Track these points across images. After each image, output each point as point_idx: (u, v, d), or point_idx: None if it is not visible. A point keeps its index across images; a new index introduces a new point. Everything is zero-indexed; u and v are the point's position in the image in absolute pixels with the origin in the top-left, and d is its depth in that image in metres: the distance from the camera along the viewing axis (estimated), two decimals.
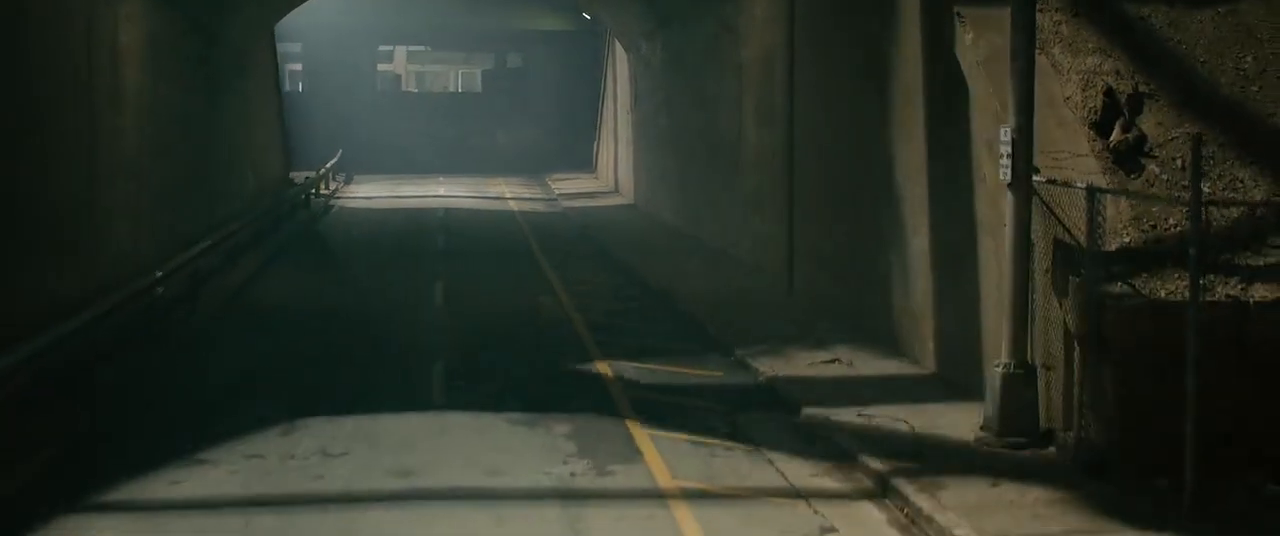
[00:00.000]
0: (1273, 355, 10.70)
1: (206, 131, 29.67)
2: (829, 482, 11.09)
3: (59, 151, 18.63)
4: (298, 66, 60.24)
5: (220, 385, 14.81)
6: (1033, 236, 11.98)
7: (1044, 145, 12.34)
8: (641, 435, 12.43)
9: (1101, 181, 11.91)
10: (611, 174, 44.39)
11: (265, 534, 9.58)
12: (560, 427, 12.68)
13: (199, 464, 11.38)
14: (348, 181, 47.80)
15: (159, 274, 16.93)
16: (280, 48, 44.49)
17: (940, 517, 9.71)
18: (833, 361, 15.54)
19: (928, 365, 15.02)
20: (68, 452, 11.65)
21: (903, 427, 12.33)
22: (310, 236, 29.76)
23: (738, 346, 16.60)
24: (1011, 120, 11.78)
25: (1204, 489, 9.81)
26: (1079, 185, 11.32)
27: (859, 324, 17.27)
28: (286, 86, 57.40)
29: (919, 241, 15.43)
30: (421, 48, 73.91)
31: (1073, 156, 12.56)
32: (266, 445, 11.92)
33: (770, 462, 11.68)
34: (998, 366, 11.87)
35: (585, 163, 51.61)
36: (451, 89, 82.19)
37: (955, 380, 14.02)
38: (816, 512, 10.21)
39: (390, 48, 69.86)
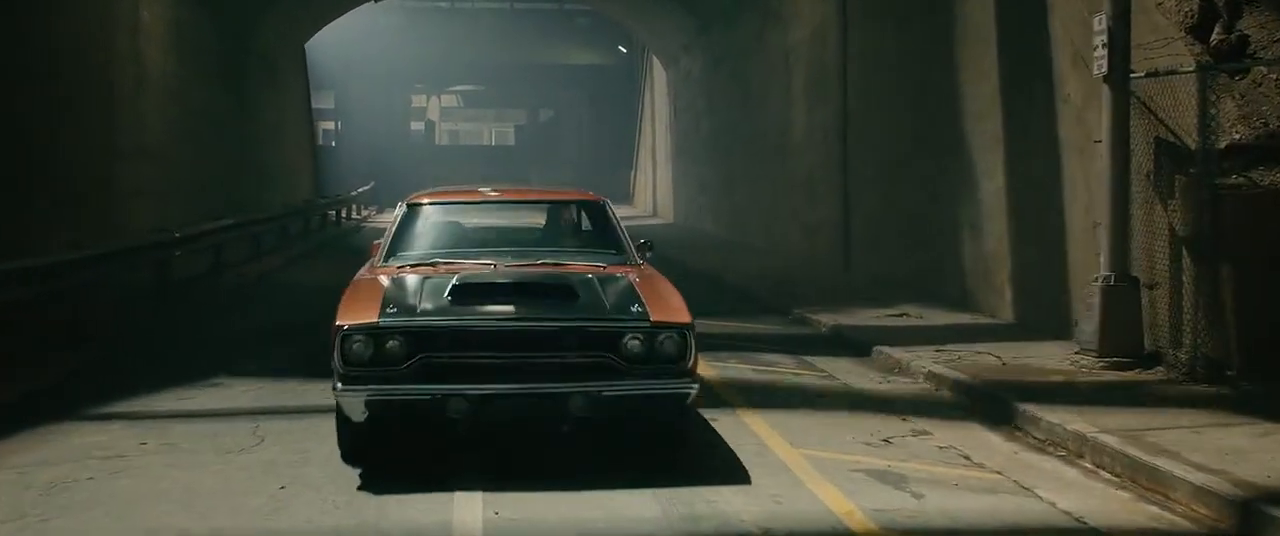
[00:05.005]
0: None
1: (237, 139, 28.88)
2: (913, 399, 9.89)
3: (75, 127, 17.78)
4: (330, 125, 59.74)
5: (242, 330, 13.76)
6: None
7: (1138, 51, 11.22)
8: (702, 365, 11.26)
9: (1194, 81, 10.76)
10: (649, 198, 43.42)
11: (275, 434, 8.44)
12: None
13: (213, 386, 10.29)
14: (381, 211, 46.93)
15: (176, 235, 15.84)
16: (315, 104, 43.69)
17: (1050, 417, 8.50)
18: (900, 315, 14.32)
19: (1004, 315, 13.82)
20: (74, 375, 10.60)
21: (990, 360, 11.11)
22: (339, 243, 28.73)
23: (794, 308, 15.43)
24: (1107, 8, 10.66)
25: None
26: (1187, 68, 10.19)
27: (924, 288, 16.08)
28: (319, 140, 56.97)
29: (992, 185, 14.29)
30: (455, 99, 73.52)
31: (1170, 58, 11.44)
32: (288, 369, 10.82)
33: (846, 385, 10.50)
34: (1096, 281, 10.69)
35: (622, 195, 50.60)
36: (485, 142, 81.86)
37: (1037, 326, 12.80)
38: (905, 421, 9.01)
39: (423, 105, 69.41)
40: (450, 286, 7.40)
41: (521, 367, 7.03)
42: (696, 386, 7.20)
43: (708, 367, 11.18)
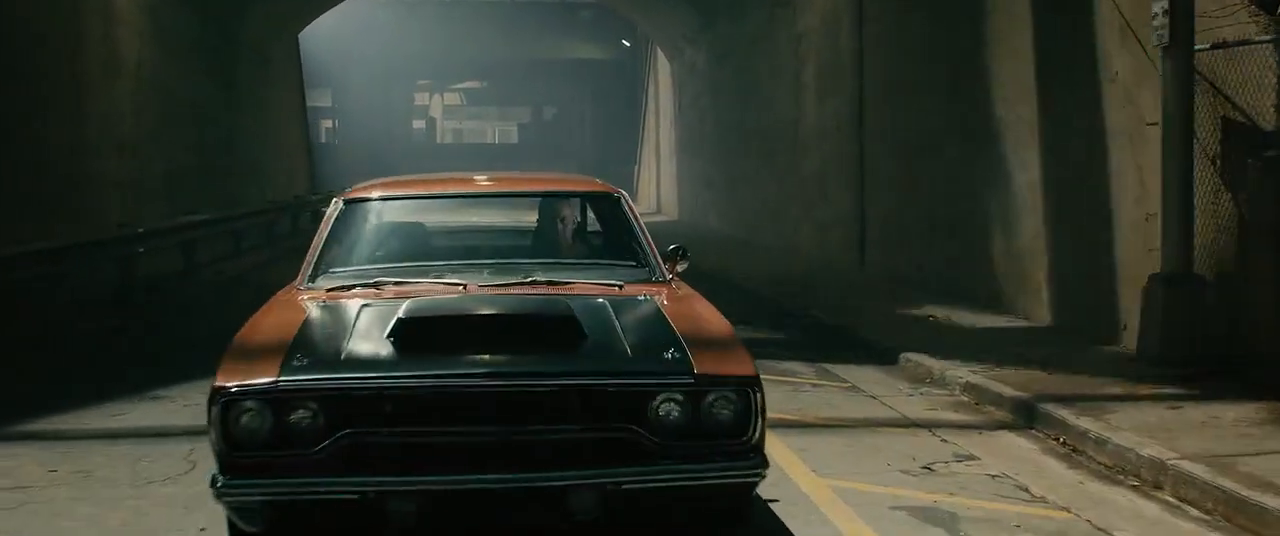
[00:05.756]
0: None
1: (225, 133, 27.65)
2: (952, 415, 8.65)
3: (42, 118, 16.55)
4: (329, 123, 58.59)
5: (201, 335, 12.47)
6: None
7: (1196, 22, 9.97)
8: None
9: (1270, 53, 9.53)
10: (653, 194, 42.20)
11: (209, 459, 7.17)
12: None
13: (153, 400, 9.07)
14: None
15: (140, 230, 14.62)
16: (310, 103, 42.39)
17: (1118, 439, 7.25)
18: (926, 318, 13.09)
19: (1041, 317, 12.56)
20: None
21: (1033, 367, 9.86)
22: None
23: (809, 309, 14.21)
24: None
25: None
26: (1262, 38, 8.94)
27: (949, 288, 14.82)
28: (321, 138, 55.69)
29: (1026, 176, 13.03)
30: (458, 97, 72.40)
31: (1233, 29, 10.21)
32: None
33: (873, 397, 9.27)
34: (1156, 279, 9.44)
35: (626, 191, 49.41)
36: (489, 140, 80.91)
37: (1080, 329, 11.55)
38: (944, 442, 7.77)
39: (426, 103, 68.20)
40: (392, 323, 5.01)
41: (499, 449, 4.65)
42: (764, 471, 4.82)
43: None
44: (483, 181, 7.68)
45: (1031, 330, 12.07)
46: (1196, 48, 9.45)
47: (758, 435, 4.79)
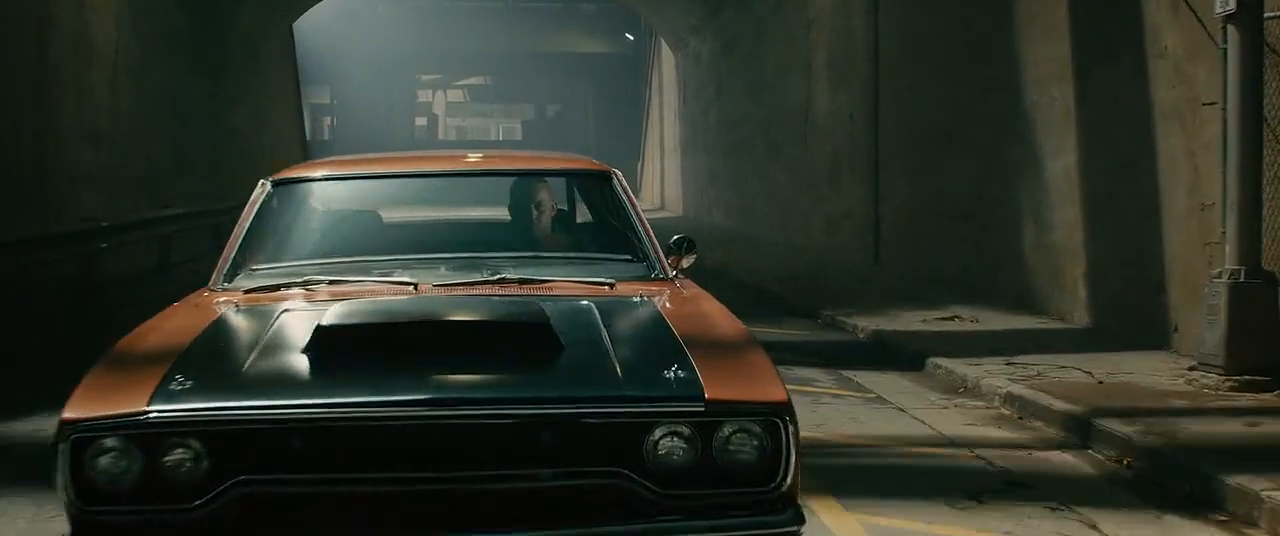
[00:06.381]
0: None
1: (213, 126, 26.58)
2: (995, 431, 7.59)
3: (3, 103, 15.52)
4: (327, 120, 57.68)
5: None
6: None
7: None
8: None
9: None
10: (657, 190, 41.22)
11: None
12: None
13: None
14: None
15: (104, 224, 13.58)
16: (308, 100, 41.27)
17: (1197, 463, 6.19)
18: (951, 318, 12.04)
19: (1077, 318, 11.51)
20: None
21: (1079, 376, 8.80)
22: None
23: (822, 309, 13.15)
24: None
25: None
26: None
27: (972, 286, 13.77)
28: (323, 136, 54.65)
29: (1060, 163, 11.97)
30: (461, 94, 71.52)
31: None
32: None
33: (902, 410, 8.20)
34: (1220, 277, 8.38)
35: (630, 187, 48.36)
36: (492, 138, 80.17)
37: (1122, 331, 10.50)
38: (990, 465, 6.71)
39: (428, 100, 67.28)
40: (310, 335, 3.86)
41: (445, 500, 3.47)
42: (799, 529, 3.61)
43: None
44: (447, 159, 6.56)
45: (1068, 332, 11.02)
46: (1265, 16, 8.40)
47: (789, 479, 3.56)
